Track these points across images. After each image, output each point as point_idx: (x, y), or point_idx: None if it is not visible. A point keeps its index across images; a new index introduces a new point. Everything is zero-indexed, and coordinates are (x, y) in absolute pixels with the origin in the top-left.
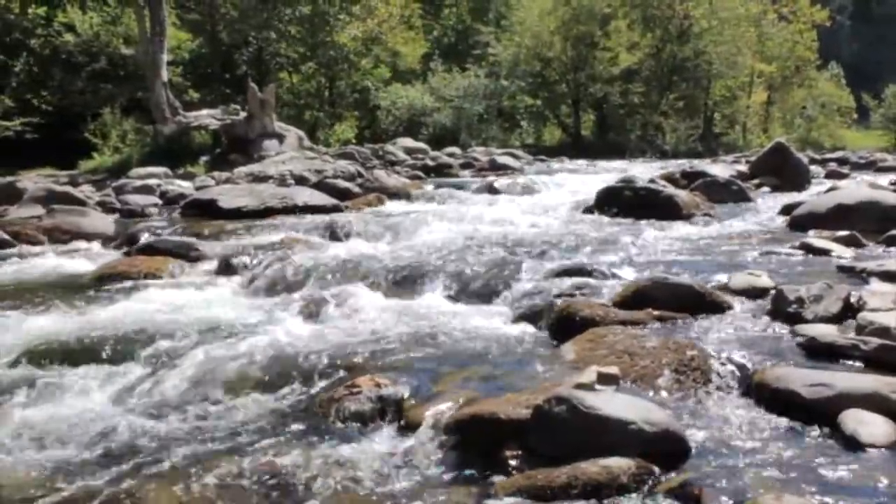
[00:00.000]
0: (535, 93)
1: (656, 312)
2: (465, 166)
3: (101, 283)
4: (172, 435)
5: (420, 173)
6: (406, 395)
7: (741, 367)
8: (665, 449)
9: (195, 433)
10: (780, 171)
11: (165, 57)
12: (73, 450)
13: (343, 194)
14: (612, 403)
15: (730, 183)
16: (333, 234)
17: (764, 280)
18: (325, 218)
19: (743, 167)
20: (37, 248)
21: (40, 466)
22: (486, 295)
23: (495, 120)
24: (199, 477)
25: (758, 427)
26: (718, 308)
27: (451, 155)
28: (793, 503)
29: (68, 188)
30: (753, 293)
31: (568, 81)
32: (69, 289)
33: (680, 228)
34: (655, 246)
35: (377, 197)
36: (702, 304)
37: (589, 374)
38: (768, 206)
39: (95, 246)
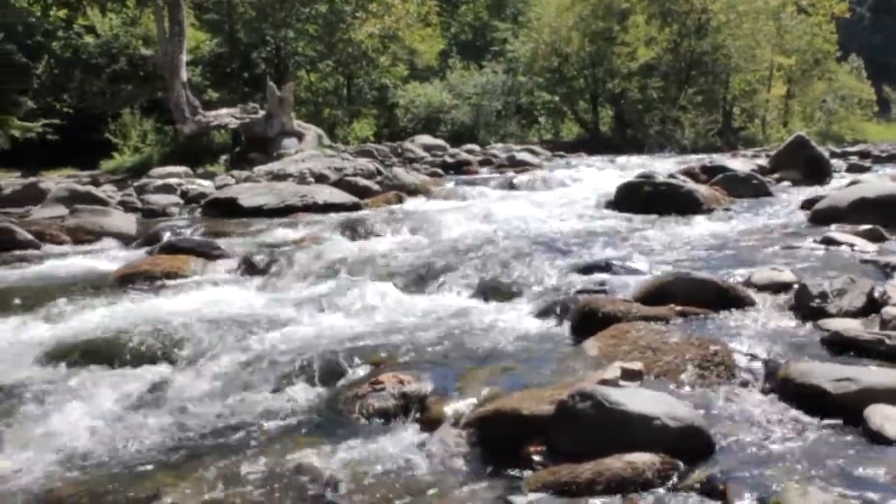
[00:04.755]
0: (553, 89)
1: (679, 308)
2: (483, 163)
3: (124, 283)
4: (198, 432)
5: (439, 170)
6: (429, 391)
7: (765, 362)
8: (689, 444)
9: (221, 430)
10: (801, 165)
11: (184, 57)
12: (100, 448)
13: (363, 192)
14: (637, 399)
15: (750, 177)
16: (354, 232)
17: (786, 275)
18: (346, 216)
19: (763, 161)
20: (60, 248)
21: (68, 465)
22: (507, 291)
23: (513, 116)
24: (224, 474)
25: (782, 422)
26: (741, 303)
27: (469, 152)
28: (819, 499)
29: (90, 188)
30: (776, 288)
31: (586, 77)
32: (93, 288)
33: (700, 223)
34: (676, 241)
35: (396, 194)
36: (724, 299)
37: (613, 370)
38: (789, 200)
39: (118, 245)
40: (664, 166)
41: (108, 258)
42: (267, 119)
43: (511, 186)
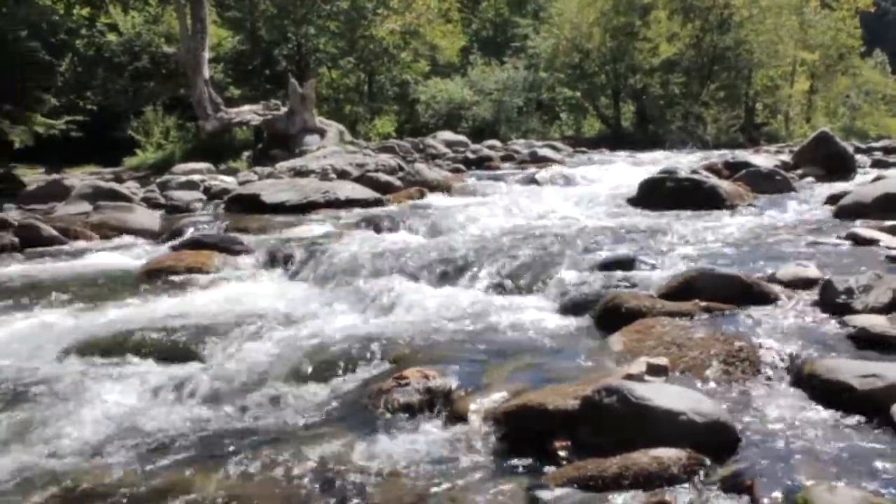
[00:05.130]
0: (575, 84)
1: (703, 303)
2: (505, 159)
3: (149, 278)
4: (223, 426)
5: (461, 166)
6: (454, 386)
7: (790, 357)
8: (715, 440)
9: (245, 424)
10: (825, 160)
11: (207, 54)
12: (127, 440)
13: (385, 188)
14: (662, 394)
15: (773, 173)
16: (376, 228)
17: (812, 270)
18: (368, 211)
19: (786, 157)
20: (85, 244)
21: (94, 457)
22: (530, 286)
23: (535, 112)
24: (250, 467)
25: (808, 418)
26: (766, 299)
27: (491, 147)
28: (846, 495)
29: (114, 185)
30: (801, 284)
31: (607, 73)
32: (118, 283)
33: (724, 219)
34: (699, 237)
35: (419, 190)
36: (749, 294)
37: (638, 365)
38: (813, 196)
39: (142, 241)
40: (686, 162)
41: (133, 254)
42: (289, 116)
43: (533, 182)
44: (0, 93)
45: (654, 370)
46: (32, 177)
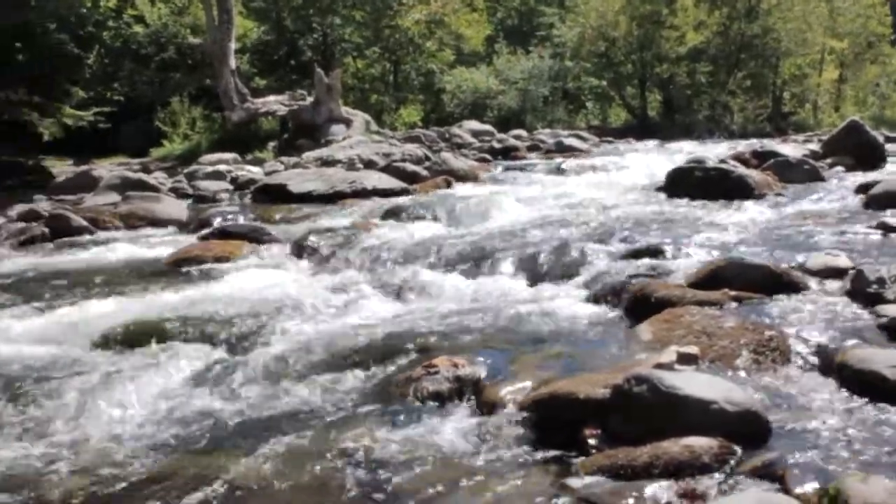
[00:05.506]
0: (601, 73)
1: (732, 293)
2: (531, 148)
3: (177, 267)
4: (252, 414)
5: (487, 156)
6: (483, 374)
7: (821, 347)
8: (747, 429)
9: (274, 411)
10: (855, 150)
11: (233, 45)
12: (157, 428)
13: (411, 177)
14: (693, 383)
15: (802, 162)
16: (403, 217)
17: (842, 260)
18: (395, 201)
19: (815, 146)
20: (114, 234)
21: (124, 444)
22: (558, 276)
23: (560, 102)
24: (280, 454)
25: (840, 408)
26: (796, 288)
27: (517, 137)
28: (880, 485)
29: (142, 175)
30: (831, 273)
31: (634, 62)
32: (147, 272)
33: (752, 209)
34: (728, 226)
35: (445, 179)
36: (779, 284)
37: (668, 354)
38: (842, 185)
39: (170, 231)
40: (714, 151)
41: (161, 243)
42: (315, 106)
43: (560, 172)
44: (29, 85)
45: (685, 359)
46: (61, 168)
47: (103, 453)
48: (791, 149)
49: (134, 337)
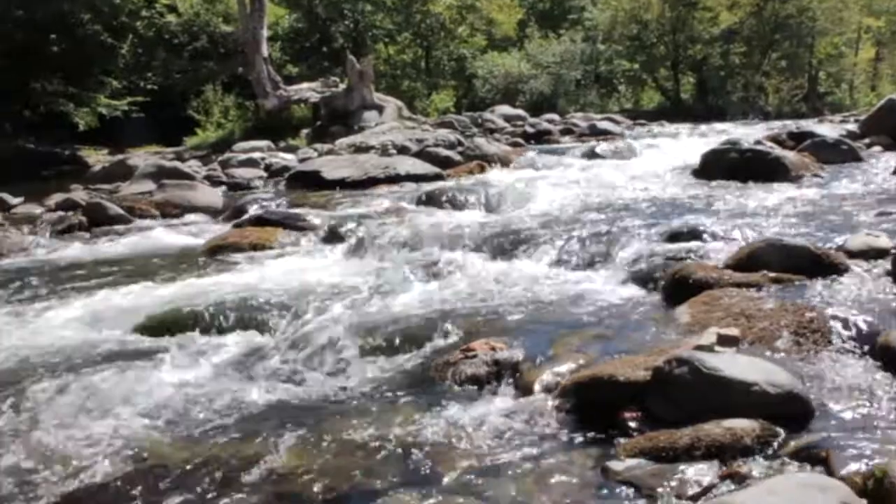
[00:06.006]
0: (633, 56)
1: (771, 274)
2: (564, 132)
3: (214, 254)
4: (290, 398)
5: (520, 140)
6: (521, 358)
7: (862, 329)
8: (789, 411)
9: (313, 396)
10: (892, 129)
11: (265, 32)
12: (195, 413)
13: (444, 163)
14: (734, 365)
15: (839, 143)
16: (438, 202)
17: (883, 241)
18: (428, 186)
19: (852, 126)
20: (150, 222)
21: (164, 429)
22: (594, 259)
23: (593, 85)
24: (318, 439)
25: (882, 390)
26: (835, 270)
27: (550, 121)
28: None
29: (176, 164)
30: (872, 254)
31: (666, 44)
32: (184, 260)
33: (789, 190)
34: (764, 208)
35: (479, 164)
36: (818, 265)
37: (708, 336)
38: (881, 166)
39: (205, 218)
40: (749, 133)
41: (197, 231)
42: (347, 92)
43: (594, 155)
44: (64, 76)
45: (725, 341)
46: (96, 158)
47: (141, 437)
48: (827, 129)
49: (172, 323)
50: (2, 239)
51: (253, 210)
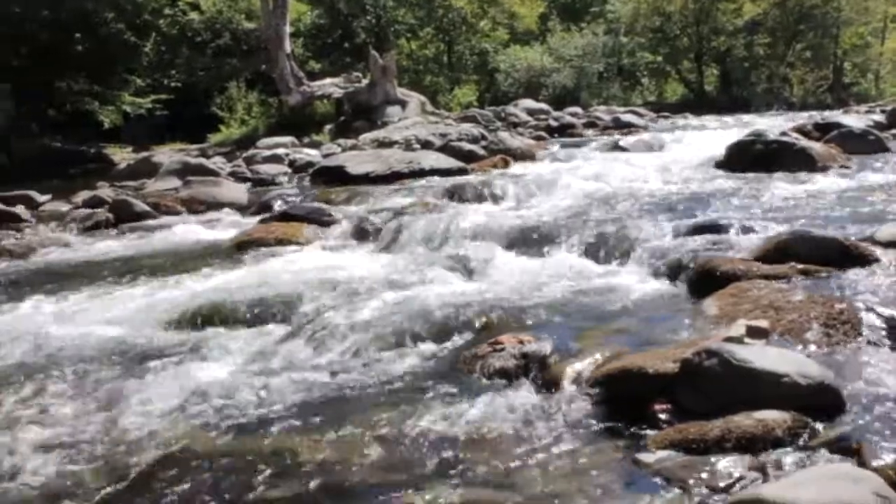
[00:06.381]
0: (656, 49)
1: (800, 266)
2: (588, 125)
3: (240, 249)
4: (319, 391)
5: (544, 134)
6: (549, 351)
7: (893, 320)
8: (820, 402)
9: (341, 390)
10: None
11: (288, 28)
12: (228, 406)
13: (468, 157)
14: (765, 356)
15: (866, 133)
16: (462, 196)
17: None
18: (453, 180)
19: (879, 117)
20: (176, 218)
21: (193, 422)
22: (620, 252)
23: (615, 78)
24: (346, 432)
25: None
26: (865, 261)
27: (573, 114)
28: None
29: (201, 160)
30: None
31: (690, 35)
32: (211, 255)
33: (816, 181)
34: (791, 200)
35: (503, 158)
36: (847, 256)
37: (738, 328)
38: None
39: (230, 214)
40: (774, 124)
41: (223, 226)
42: (370, 88)
43: (618, 148)
44: (89, 75)
45: (754, 333)
46: (121, 156)
47: (172, 431)
48: (854, 120)
49: (200, 318)
50: (31, 236)
51: (278, 205)
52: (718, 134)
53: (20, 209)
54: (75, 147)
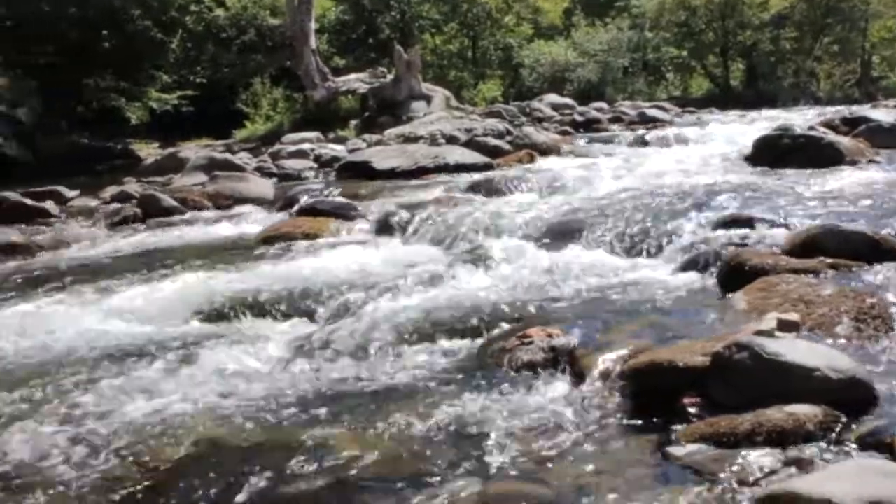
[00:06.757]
0: (681, 43)
1: (829, 260)
2: (613, 120)
3: (267, 244)
4: (345, 386)
5: (569, 129)
6: (577, 344)
7: None
8: (852, 396)
9: (368, 383)
10: None
11: (313, 24)
12: (254, 399)
13: (494, 152)
14: (796, 350)
15: (895, 128)
16: (488, 191)
17: None
18: (478, 175)
19: None
20: (203, 213)
21: (223, 415)
22: (647, 246)
23: (640, 73)
24: (376, 426)
25: None
26: (895, 255)
27: (598, 109)
28: None
29: (227, 155)
30: None
31: (715, 30)
32: (238, 250)
33: (844, 176)
34: (819, 194)
35: (528, 153)
36: (877, 251)
37: (768, 321)
38: None
39: (257, 209)
40: (801, 119)
41: (249, 221)
42: (395, 83)
43: (644, 143)
44: (116, 72)
45: (785, 326)
46: (148, 151)
47: (197, 423)
48: (882, 114)
49: (228, 312)
50: (60, 230)
51: (304, 200)
52: (745, 128)
53: (49, 204)
54: (102, 143)
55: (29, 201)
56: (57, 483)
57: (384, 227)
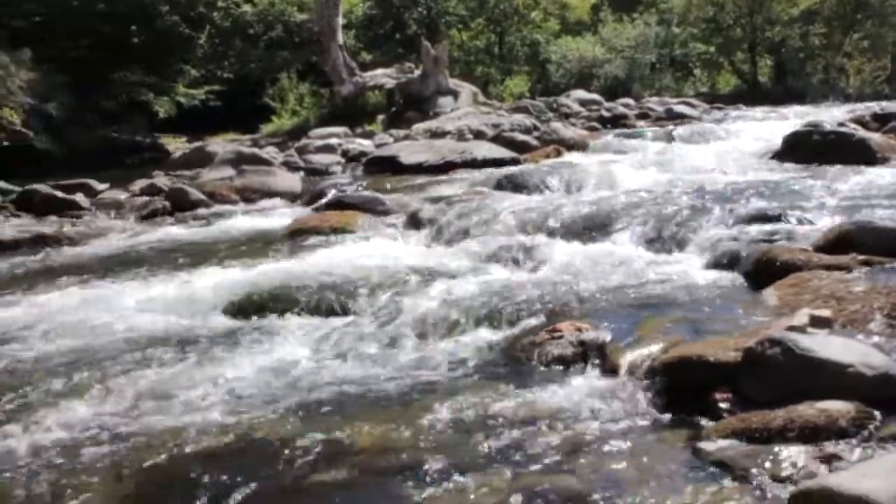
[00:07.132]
0: (709, 39)
1: (861, 257)
2: (640, 116)
3: (295, 238)
4: (377, 377)
5: (596, 124)
6: (607, 339)
7: None
8: (885, 393)
9: (397, 376)
10: None
11: (341, 20)
12: (282, 391)
13: (521, 147)
14: (829, 346)
15: None
16: (515, 186)
17: None
18: (506, 170)
19: None
20: (231, 207)
21: (252, 407)
22: (677, 242)
23: (668, 69)
24: (407, 419)
25: None
26: None
27: (626, 105)
28: None
29: (255, 150)
30: None
31: (743, 26)
32: (266, 243)
33: (875, 172)
34: (850, 190)
35: (555, 149)
36: None
37: (800, 317)
38: None
39: (284, 203)
40: (830, 115)
41: (277, 215)
42: (422, 78)
43: (671, 139)
44: (145, 66)
45: (818, 322)
46: (176, 146)
47: (225, 415)
48: None
49: (257, 305)
50: (90, 223)
51: (332, 194)
52: (774, 125)
53: (79, 197)
54: (131, 137)
55: (60, 194)
56: (86, 462)
57: (412, 222)
